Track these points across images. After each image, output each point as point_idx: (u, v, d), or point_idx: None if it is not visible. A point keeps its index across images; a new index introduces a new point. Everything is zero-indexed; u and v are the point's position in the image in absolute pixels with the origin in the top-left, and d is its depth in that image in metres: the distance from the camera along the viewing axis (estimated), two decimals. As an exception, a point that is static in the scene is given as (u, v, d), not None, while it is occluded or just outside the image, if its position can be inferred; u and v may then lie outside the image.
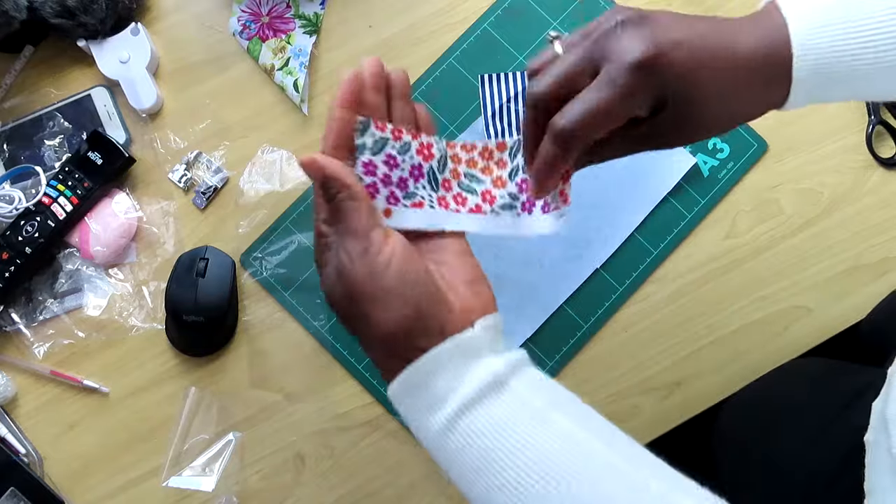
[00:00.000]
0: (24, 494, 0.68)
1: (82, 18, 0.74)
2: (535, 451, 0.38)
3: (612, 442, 0.39)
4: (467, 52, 0.77)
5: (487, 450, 0.38)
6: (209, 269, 0.71)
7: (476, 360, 0.40)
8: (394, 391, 0.41)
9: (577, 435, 0.39)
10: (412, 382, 0.40)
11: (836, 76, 0.39)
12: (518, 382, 0.41)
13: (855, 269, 0.71)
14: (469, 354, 0.41)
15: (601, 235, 0.72)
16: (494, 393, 0.40)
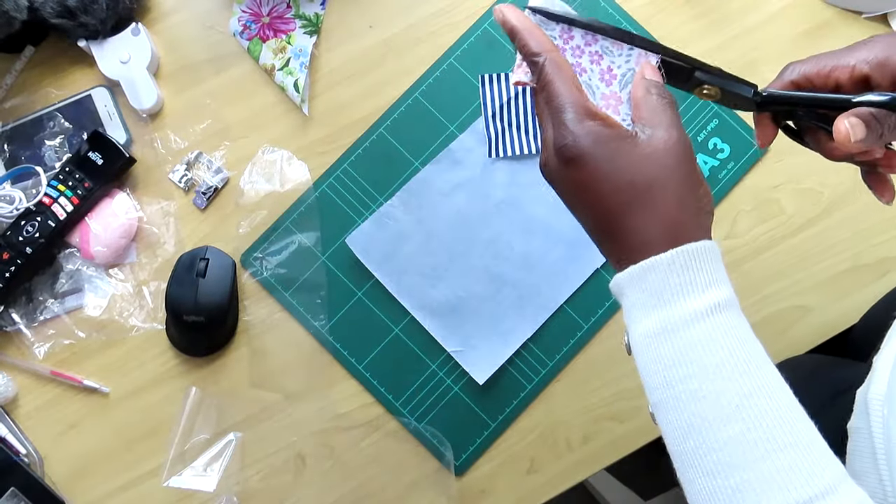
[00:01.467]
0: (24, 494, 0.68)
1: (83, 18, 0.74)
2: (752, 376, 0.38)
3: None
4: (467, 52, 0.77)
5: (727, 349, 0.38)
6: (209, 269, 0.71)
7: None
8: (652, 265, 0.39)
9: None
10: (679, 263, 0.39)
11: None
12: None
13: (855, 269, 0.71)
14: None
15: None
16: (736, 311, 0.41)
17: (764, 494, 0.35)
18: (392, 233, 0.73)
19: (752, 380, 0.38)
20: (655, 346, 0.39)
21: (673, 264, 0.39)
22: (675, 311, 0.39)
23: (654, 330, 0.39)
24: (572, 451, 0.70)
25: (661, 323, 0.39)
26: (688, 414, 0.38)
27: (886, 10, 0.74)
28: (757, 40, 0.76)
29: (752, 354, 0.39)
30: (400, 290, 0.72)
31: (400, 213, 0.73)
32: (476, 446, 0.71)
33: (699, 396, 0.38)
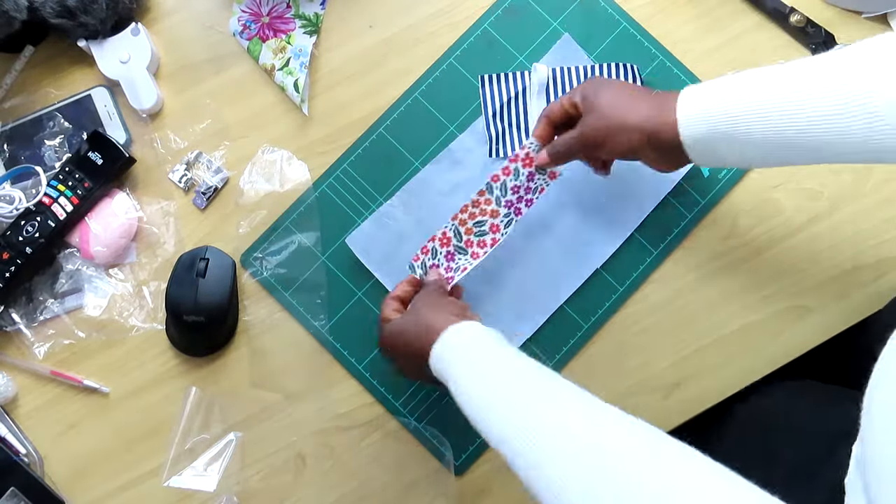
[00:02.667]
0: (24, 494, 0.68)
1: (83, 18, 0.74)
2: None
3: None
4: (467, 52, 0.77)
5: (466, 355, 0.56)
6: (209, 269, 0.71)
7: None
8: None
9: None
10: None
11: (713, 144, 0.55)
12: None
13: (855, 269, 0.71)
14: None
15: (601, 235, 0.72)
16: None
17: None
18: (392, 233, 0.73)
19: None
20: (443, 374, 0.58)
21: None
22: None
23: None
24: (572, 451, 0.70)
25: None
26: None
27: (886, 10, 0.74)
28: (757, 40, 0.76)
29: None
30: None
31: (400, 213, 0.73)
32: (476, 446, 0.71)
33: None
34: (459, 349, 0.57)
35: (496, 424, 0.50)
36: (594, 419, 0.47)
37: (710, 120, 0.54)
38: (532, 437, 0.47)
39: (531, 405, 0.49)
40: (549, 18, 0.77)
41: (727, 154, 0.55)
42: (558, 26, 0.76)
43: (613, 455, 0.44)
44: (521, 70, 0.75)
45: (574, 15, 0.77)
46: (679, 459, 0.43)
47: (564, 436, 0.46)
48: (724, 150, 0.55)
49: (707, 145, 0.55)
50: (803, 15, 0.74)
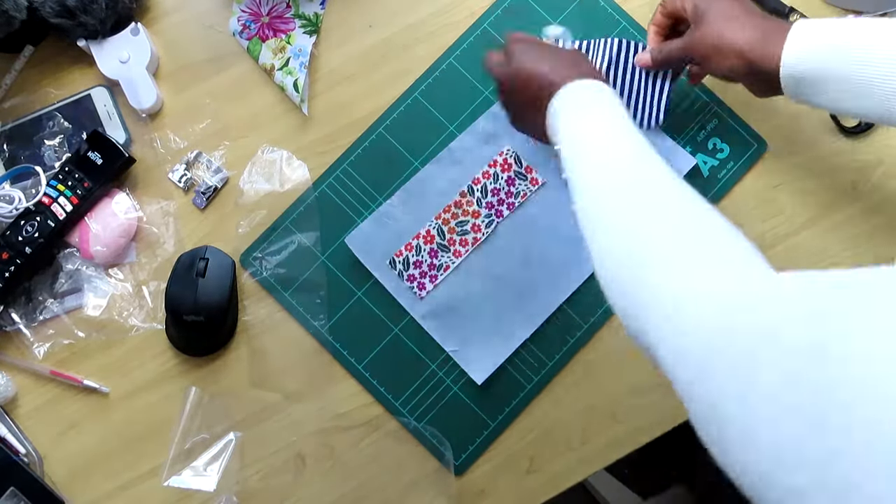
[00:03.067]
0: (24, 494, 0.68)
1: (82, 18, 0.74)
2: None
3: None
4: (467, 52, 0.77)
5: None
6: (209, 269, 0.71)
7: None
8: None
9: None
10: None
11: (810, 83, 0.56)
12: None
13: (855, 269, 0.71)
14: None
15: None
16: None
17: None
18: (391, 232, 0.73)
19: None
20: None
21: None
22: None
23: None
24: (572, 450, 0.70)
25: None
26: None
27: (886, 10, 0.74)
28: (757, 40, 0.76)
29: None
30: (399, 289, 0.72)
31: (399, 212, 0.73)
32: (476, 446, 0.71)
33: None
34: (579, 100, 0.56)
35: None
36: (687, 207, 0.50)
37: (814, 60, 0.55)
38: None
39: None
40: (549, 18, 0.77)
41: (821, 97, 0.56)
42: (558, 26, 0.76)
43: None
44: (613, 37, 0.75)
45: (574, 15, 0.77)
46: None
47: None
48: (820, 91, 0.56)
49: (806, 83, 0.56)
50: (803, 15, 0.74)
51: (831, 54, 0.54)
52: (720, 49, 0.60)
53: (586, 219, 0.52)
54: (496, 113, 0.75)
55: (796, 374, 0.31)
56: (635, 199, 0.49)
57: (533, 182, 0.73)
